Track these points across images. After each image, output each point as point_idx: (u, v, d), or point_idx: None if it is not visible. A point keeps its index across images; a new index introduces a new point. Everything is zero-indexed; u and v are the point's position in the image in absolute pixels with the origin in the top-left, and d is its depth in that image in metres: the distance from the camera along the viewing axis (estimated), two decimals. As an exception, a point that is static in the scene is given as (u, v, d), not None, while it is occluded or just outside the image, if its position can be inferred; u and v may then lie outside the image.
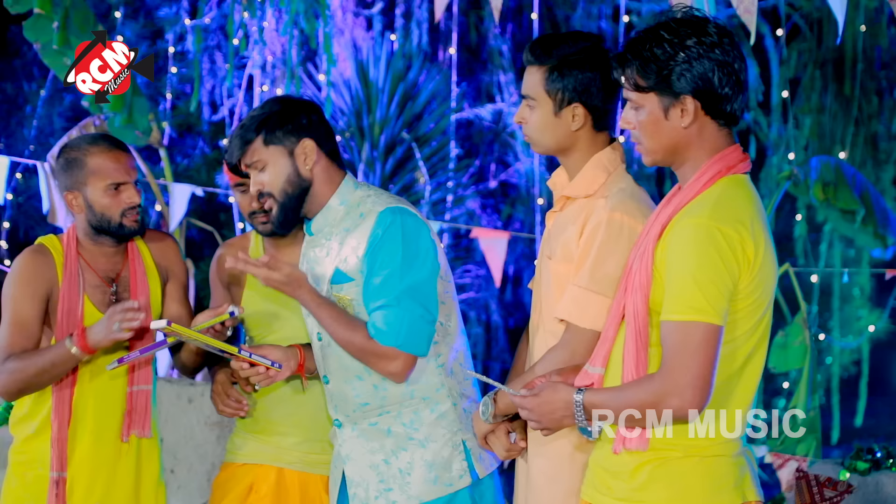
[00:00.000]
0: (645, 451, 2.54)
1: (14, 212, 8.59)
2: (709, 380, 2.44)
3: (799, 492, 4.67)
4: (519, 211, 8.39)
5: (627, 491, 2.56)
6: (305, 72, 7.93)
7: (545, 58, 2.94)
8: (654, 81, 2.53)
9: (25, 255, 3.45)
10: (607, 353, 2.62)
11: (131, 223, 3.39)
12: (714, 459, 2.55)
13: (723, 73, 2.51)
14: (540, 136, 2.97)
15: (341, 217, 3.13)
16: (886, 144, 7.56)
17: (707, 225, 2.45)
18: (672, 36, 2.51)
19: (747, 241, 2.47)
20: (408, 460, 3.09)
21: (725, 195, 2.51)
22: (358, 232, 3.09)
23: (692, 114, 2.53)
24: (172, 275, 3.56)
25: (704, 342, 2.43)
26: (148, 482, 3.51)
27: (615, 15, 7.94)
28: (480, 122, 8.33)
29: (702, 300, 2.43)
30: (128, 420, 3.43)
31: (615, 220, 2.81)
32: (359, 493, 3.14)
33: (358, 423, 3.14)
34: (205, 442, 5.81)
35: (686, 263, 2.45)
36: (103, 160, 3.37)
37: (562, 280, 2.91)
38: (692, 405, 2.44)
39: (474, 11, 8.31)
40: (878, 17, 7.33)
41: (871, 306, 7.55)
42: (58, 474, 3.39)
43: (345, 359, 3.11)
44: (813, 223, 7.40)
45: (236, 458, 3.53)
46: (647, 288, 2.52)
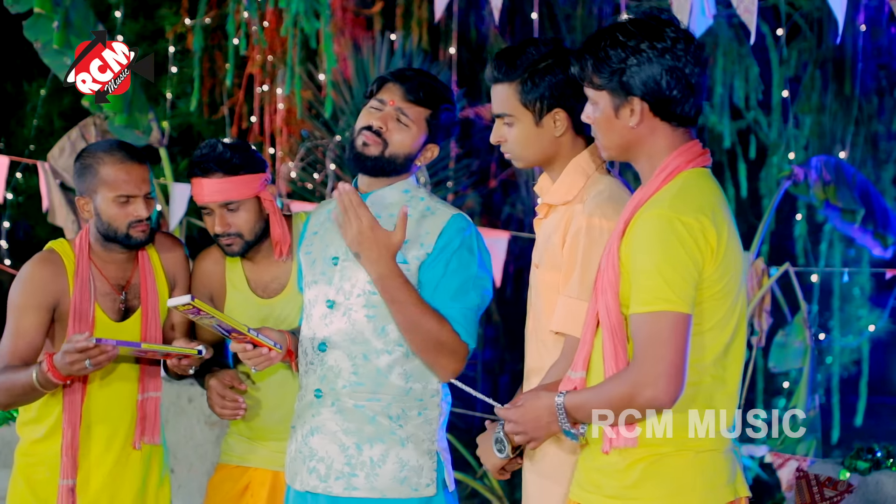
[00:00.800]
0: (636, 449, 2.55)
1: (14, 211, 8.59)
2: (681, 368, 2.46)
3: (799, 491, 4.67)
4: (519, 210, 8.39)
5: (619, 489, 2.57)
6: (305, 72, 7.93)
7: (512, 72, 2.93)
8: (605, 81, 2.59)
9: (35, 262, 3.43)
10: (587, 356, 2.64)
11: (138, 234, 3.38)
12: (709, 454, 2.56)
13: (671, 76, 2.55)
14: (523, 150, 2.96)
15: (401, 202, 3.13)
16: (886, 144, 7.55)
17: (667, 216, 2.49)
18: (626, 38, 2.57)
19: (709, 229, 2.50)
20: (381, 452, 3.07)
21: (685, 187, 2.56)
22: (426, 223, 3.10)
23: (639, 114, 2.58)
24: (179, 282, 3.56)
25: (673, 331, 2.45)
26: (152, 484, 3.51)
27: (615, 13, 7.92)
28: (480, 122, 8.32)
29: (667, 290, 2.46)
30: (140, 428, 3.44)
31: (594, 225, 2.80)
32: (318, 468, 3.10)
33: (341, 399, 3.09)
34: (205, 442, 5.81)
35: (649, 255, 2.49)
36: (115, 171, 3.35)
37: (550, 288, 2.90)
38: (666, 395, 2.46)
39: (474, 11, 8.31)
40: (878, 16, 7.33)
41: (871, 306, 7.54)
42: (69, 482, 3.37)
43: (356, 333, 3.08)
44: (813, 223, 7.39)
45: (231, 459, 3.53)
46: (617, 286, 2.55)
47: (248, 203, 3.40)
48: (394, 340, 3.08)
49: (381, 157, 3.11)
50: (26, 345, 3.35)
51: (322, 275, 3.16)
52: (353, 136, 3.14)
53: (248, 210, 3.41)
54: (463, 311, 3.07)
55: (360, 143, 3.11)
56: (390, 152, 3.11)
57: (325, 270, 3.17)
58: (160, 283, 3.49)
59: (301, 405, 3.18)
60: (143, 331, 3.42)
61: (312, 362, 3.14)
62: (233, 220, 3.39)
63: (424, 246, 3.09)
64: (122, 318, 3.43)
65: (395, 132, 3.11)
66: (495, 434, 2.84)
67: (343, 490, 3.07)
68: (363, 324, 3.07)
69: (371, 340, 3.07)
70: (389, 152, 3.11)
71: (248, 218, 3.41)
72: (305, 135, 7.87)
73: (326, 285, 3.14)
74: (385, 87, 3.16)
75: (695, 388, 2.54)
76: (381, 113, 3.13)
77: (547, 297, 2.91)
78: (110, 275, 3.44)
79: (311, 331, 3.16)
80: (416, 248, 3.09)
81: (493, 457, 2.89)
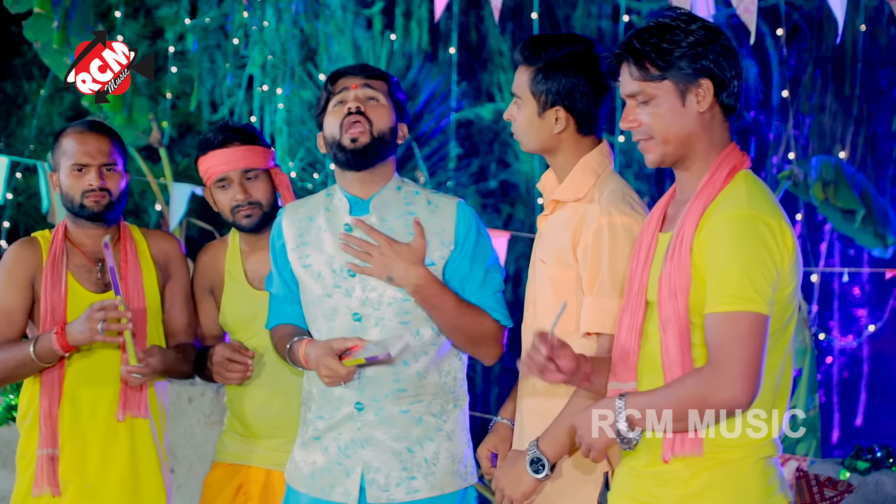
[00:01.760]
0: (700, 457, 2.47)
1: (14, 212, 8.58)
2: (759, 370, 2.40)
3: (799, 491, 4.67)
4: (519, 211, 8.39)
5: (680, 498, 2.49)
6: (305, 72, 7.93)
7: (533, 58, 2.95)
8: (667, 66, 2.51)
9: (13, 245, 3.54)
10: (634, 364, 2.57)
11: (91, 204, 3.43)
12: (766, 461, 2.51)
13: (731, 60, 2.52)
14: (524, 134, 2.99)
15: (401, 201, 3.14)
16: (886, 144, 7.55)
17: (749, 215, 2.44)
18: (678, 23, 2.52)
19: (786, 230, 2.47)
20: (434, 450, 3.10)
21: (754, 187, 2.51)
22: (436, 218, 3.11)
23: (709, 98, 2.52)
24: (174, 277, 3.56)
25: (753, 332, 2.40)
26: (146, 462, 3.48)
27: (615, 15, 7.93)
28: (480, 122, 8.32)
29: (748, 289, 2.40)
30: (123, 399, 3.43)
31: (615, 223, 2.81)
32: (377, 479, 3.08)
33: (385, 408, 3.08)
34: (205, 442, 5.81)
35: (730, 254, 2.42)
36: (71, 142, 3.43)
37: (558, 285, 2.91)
38: (744, 395, 2.39)
39: (474, 11, 8.31)
40: (878, 16, 7.33)
41: (870, 306, 7.54)
42: (48, 451, 3.40)
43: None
44: (813, 223, 7.39)
45: (225, 457, 3.54)
46: (688, 290, 2.47)
47: (264, 175, 3.48)
48: (428, 342, 3.10)
49: (373, 141, 3.08)
50: (9, 324, 3.43)
51: (337, 287, 3.11)
52: (336, 136, 3.09)
53: (264, 181, 3.48)
54: (495, 296, 3.14)
55: (349, 140, 3.08)
56: (377, 130, 3.08)
57: (339, 283, 3.10)
58: (144, 262, 3.51)
59: (336, 418, 3.12)
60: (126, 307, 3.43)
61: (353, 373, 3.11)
62: (252, 189, 3.44)
63: (446, 243, 3.10)
64: (102, 291, 3.46)
65: (372, 109, 3.10)
66: (529, 455, 2.81)
67: (406, 495, 3.09)
68: (399, 331, 3.06)
69: (409, 346, 3.06)
70: (376, 130, 3.08)
71: (265, 188, 3.47)
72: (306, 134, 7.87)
73: (346, 297, 3.09)
74: (340, 80, 3.14)
75: (766, 390, 2.48)
76: (351, 95, 3.11)
77: (555, 292, 2.91)
78: (87, 250, 3.49)
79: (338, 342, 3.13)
80: (439, 247, 3.10)
81: (524, 482, 2.84)
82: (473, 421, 6.86)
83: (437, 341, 3.11)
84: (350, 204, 3.14)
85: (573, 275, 2.89)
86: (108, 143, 3.45)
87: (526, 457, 2.82)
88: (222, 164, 3.44)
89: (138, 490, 3.46)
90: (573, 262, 2.88)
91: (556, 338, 2.58)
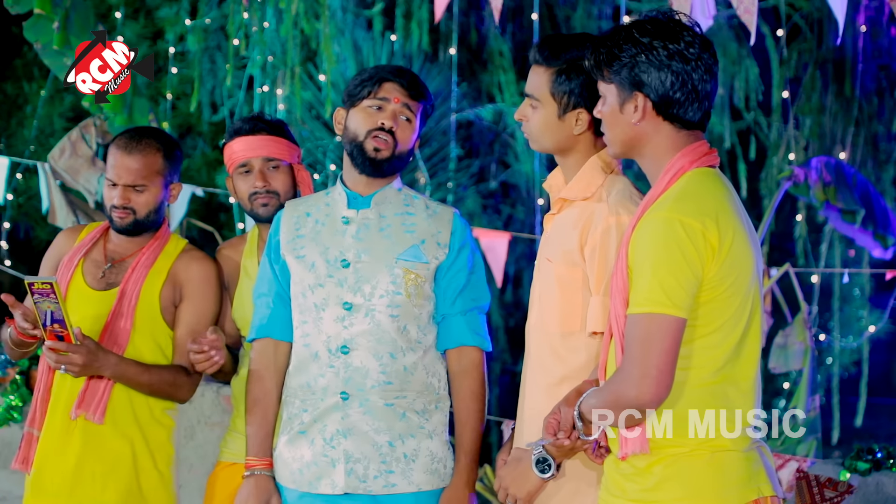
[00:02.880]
0: (653, 450, 2.55)
1: (14, 212, 8.58)
2: (666, 370, 2.46)
3: (799, 492, 4.67)
4: (519, 211, 8.39)
5: (641, 492, 2.57)
6: (305, 72, 7.93)
7: (553, 59, 2.94)
8: (614, 74, 2.61)
9: (61, 232, 3.66)
10: (604, 362, 2.66)
11: (116, 219, 3.48)
12: (724, 454, 2.55)
13: (677, 79, 2.57)
14: (540, 135, 2.98)
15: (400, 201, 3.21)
16: (886, 144, 7.56)
17: (669, 217, 2.50)
18: (640, 35, 2.59)
19: (711, 230, 2.49)
20: (414, 447, 3.14)
21: (689, 187, 2.56)
22: (433, 221, 3.19)
23: (642, 111, 2.60)
24: (187, 299, 3.52)
25: (660, 333, 2.46)
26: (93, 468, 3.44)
27: (615, 15, 7.93)
28: (480, 122, 8.32)
29: (659, 292, 2.46)
30: (79, 399, 3.42)
31: (623, 223, 2.83)
32: (356, 469, 3.12)
33: (370, 399, 3.13)
34: (205, 442, 5.81)
35: (647, 257, 2.50)
36: (112, 154, 3.48)
37: (565, 283, 2.92)
38: (648, 395, 2.47)
39: (474, 11, 8.31)
40: (878, 17, 7.33)
41: (871, 306, 7.54)
42: (31, 430, 3.46)
43: (381, 333, 3.12)
44: (813, 223, 7.39)
45: (227, 456, 3.55)
46: (626, 291, 2.55)
47: (286, 168, 3.53)
48: (415, 339, 3.15)
49: (392, 157, 3.17)
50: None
51: (329, 277, 3.17)
52: (360, 139, 3.15)
53: (285, 174, 3.53)
54: (477, 313, 3.23)
55: (372, 148, 3.15)
56: (399, 150, 3.18)
57: (332, 273, 3.17)
58: (154, 273, 3.49)
59: (320, 409, 3.16)
60: (115, 305, 3.44)
61: (333, 365, 3.15)
62: (271, 178, 3.49)
63: (441, 245, 3.17)
64: (104, 290, 3.48)
65: (402, 129, 3.17)
66: (535, 455, 2.81)
67: (382, 488, 3.13)
68: (388, 324, 3.12)
69: (397, 339, 3.13)
70: (398, 150, 3.18)
71: (285, 180, 3.52)
72: (306, 134, 7.87)
73: (337, 287, 3.15)
74: (384, 86, 3.17)
75: (708, 388, 2.53)
76: (388, 112, 3.16)
77: (562, 292, 2.92)
78: (112, 249, 3.53)
79: (323, 334, 3.16)
80: (435, 247, 3.16)
81: (529, 481, 2.85)
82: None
83: (426, 339, 3.17)
84: (349, 198, 3.19)
85: (580, 274, 2.90)
86: (140, 162, 3.44)
87: (532, 456, 2.83)
88: (245, 150, 3.50)
89: (74, 492, 3.44)
90: (580, 262, 2.89)
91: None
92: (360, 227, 3.16)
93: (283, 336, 3.25)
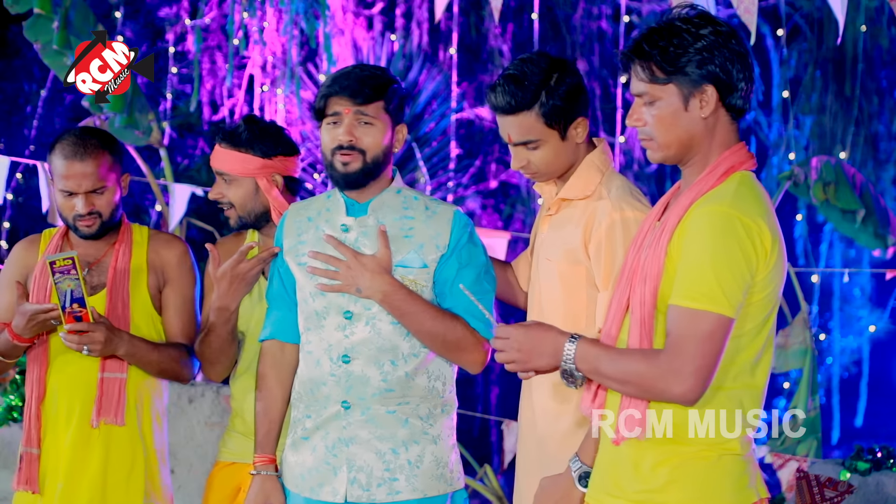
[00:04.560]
0: (661, 449, 2.51)
1: (14, 212, 8.59)
2: (712, 371, 2.41)
3: (799, 492, 4.67)
4: (519, 211, 8.40)
5: (643, 493, 2.53)
6: (305, 72, 7.93)
7: (528, 99, 2.94)
8: (673, 70, 2.50)
9: (15, 245, 3.59)
10: (612, 334, 2.59)
11: (83, 227, 3.44)
12: (732, 457, 2.52)
13: (739, 64, 2.51)
14: (549, 166, 3.00)
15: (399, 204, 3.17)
16: (886, 144, 7.56)
17: (727, 213, 2.43)
18: (688, 26, 2.50)
19: (766, 233, 2.45)
20: (418, 453, 3.11)
21: (743, 188, 2.50)
22: (433, 223, 3.14)
23: (712, 103, 2.51)
24: (170, 282, 3.55)
25: (714, 333, 2.40)
26: (117, 471, 3.47)
27: (615, 15, 7.93)
28: (480, 122, 8.33)
29: (717, 289, 2.40)
30: (98, 406, 3.42)
31: (627, 217, 2.84)
32: (359, 478, 3.10)
33: (372, 408, 3.10)
34: (205, 442, 5.82)
35: (703, 250, 2.42)
36: (59, 165, 3.41)
37: (568, 282, 2.93)
38: (692, 393, 2.41)
39: (474, 11, 8.31)
40: (878, 17, 7.34)
41: (871, 306, 7.55)
42: (28, 450, 3.44)
43: (382, 342, 3.09)
44: (813, 223, 7.40)
45: (226, 456, 3.55)
46: (658, 279, 2.48)
47: (243, 181, 3.49)
48: (418, 344, 3.12)
49: (365, 167, 3.12)
50: (6, 319, 3.45)
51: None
52: (329, 158, 3.14)
53: (241, 186, 3.49)
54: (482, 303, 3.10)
55: (340, 165, 3.12)
56: (371, 157, 3.12)
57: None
58: (135, 268, 3.51)
59: (322, 417, 3.15)
60: (109, 307, 3.44)
61: (334, 374, 3.14)
62: (225, 191, 3.49)
63: (440, 248, 3.12)
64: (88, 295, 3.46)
65: (364, 137, 3.11)
66: (578, 472, 2.78)
67: (387, 495, 3.10)
68: (389, 331, 3.09)
69: (398, 347, 3.09)
70: (370, 157, 3.11)
71: (240, 193, 3.49)
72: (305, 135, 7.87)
73: (338, 296, 3.12)
74: (331, 102, 3.13)
75: (727, 391, 2.50)
76: (343, 126, 3.12)
77: (565, 290, 2.93)
78: (82, 251, 3.48)
79: (324, 342, 3.16)
80: (433, 251, 3.12)
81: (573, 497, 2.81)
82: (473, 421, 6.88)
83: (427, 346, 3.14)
84: (346, 205, 3.17)
85: (583, 271, 2.91)
86: (93, 165, 3.40)
87: (572, 475, 2.79)
88: (212, 159, 3.52)
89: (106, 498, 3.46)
90: (584, 259, 2.90)
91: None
92: (358, 235, 3.13)
93: (289, 338, 3.25)
